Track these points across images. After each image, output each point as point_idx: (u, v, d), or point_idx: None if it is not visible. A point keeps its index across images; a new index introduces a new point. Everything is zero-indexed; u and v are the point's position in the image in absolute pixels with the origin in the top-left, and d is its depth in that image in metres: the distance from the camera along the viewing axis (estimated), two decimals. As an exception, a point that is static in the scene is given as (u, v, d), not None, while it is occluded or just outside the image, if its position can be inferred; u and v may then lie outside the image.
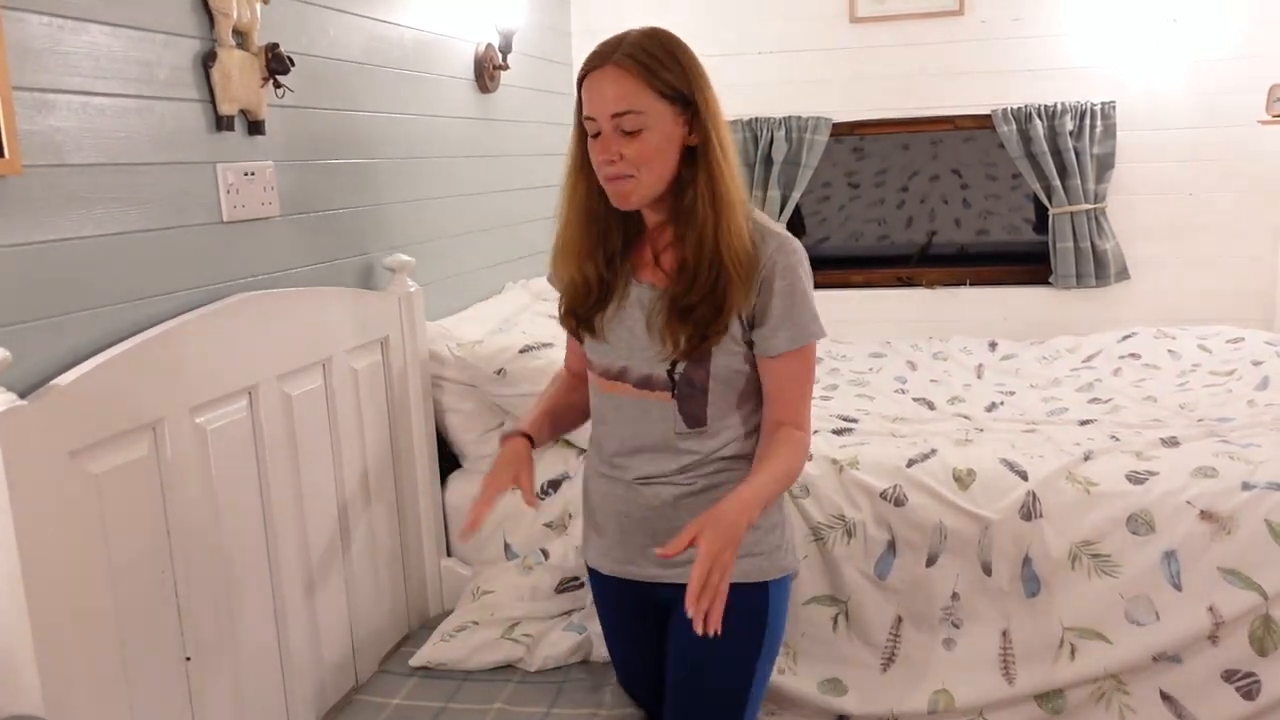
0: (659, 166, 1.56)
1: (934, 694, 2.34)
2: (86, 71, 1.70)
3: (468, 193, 3.17)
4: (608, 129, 1.54)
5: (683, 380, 1.62)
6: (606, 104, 1.53)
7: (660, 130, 1.54)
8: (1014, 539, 2.31)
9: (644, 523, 1.70)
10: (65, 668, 1.51)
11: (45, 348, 1.61)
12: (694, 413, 1.64)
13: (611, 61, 1.54)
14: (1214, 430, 2.61)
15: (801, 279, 1.60)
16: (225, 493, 1.88)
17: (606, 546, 1.77)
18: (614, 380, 1.69)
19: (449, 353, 2.66)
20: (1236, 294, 3.91)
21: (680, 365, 1.61)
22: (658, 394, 1.64)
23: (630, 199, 1.58)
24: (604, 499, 1.75)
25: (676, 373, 1.62)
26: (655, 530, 1.68)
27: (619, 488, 1.72)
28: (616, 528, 1.74)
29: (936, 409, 3.00)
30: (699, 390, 1.63)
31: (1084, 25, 3.89)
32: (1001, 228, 6.03)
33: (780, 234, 1.62)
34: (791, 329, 1.59)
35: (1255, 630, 2.21)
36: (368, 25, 2.59)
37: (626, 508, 1.71)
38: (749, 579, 1.65)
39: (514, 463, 1.74)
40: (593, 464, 1.79)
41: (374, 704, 2.19)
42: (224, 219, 2.03)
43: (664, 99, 1.54)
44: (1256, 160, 3.83)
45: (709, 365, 1.61)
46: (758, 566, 1.67)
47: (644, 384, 1.65)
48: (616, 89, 1.52)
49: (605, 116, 1.54)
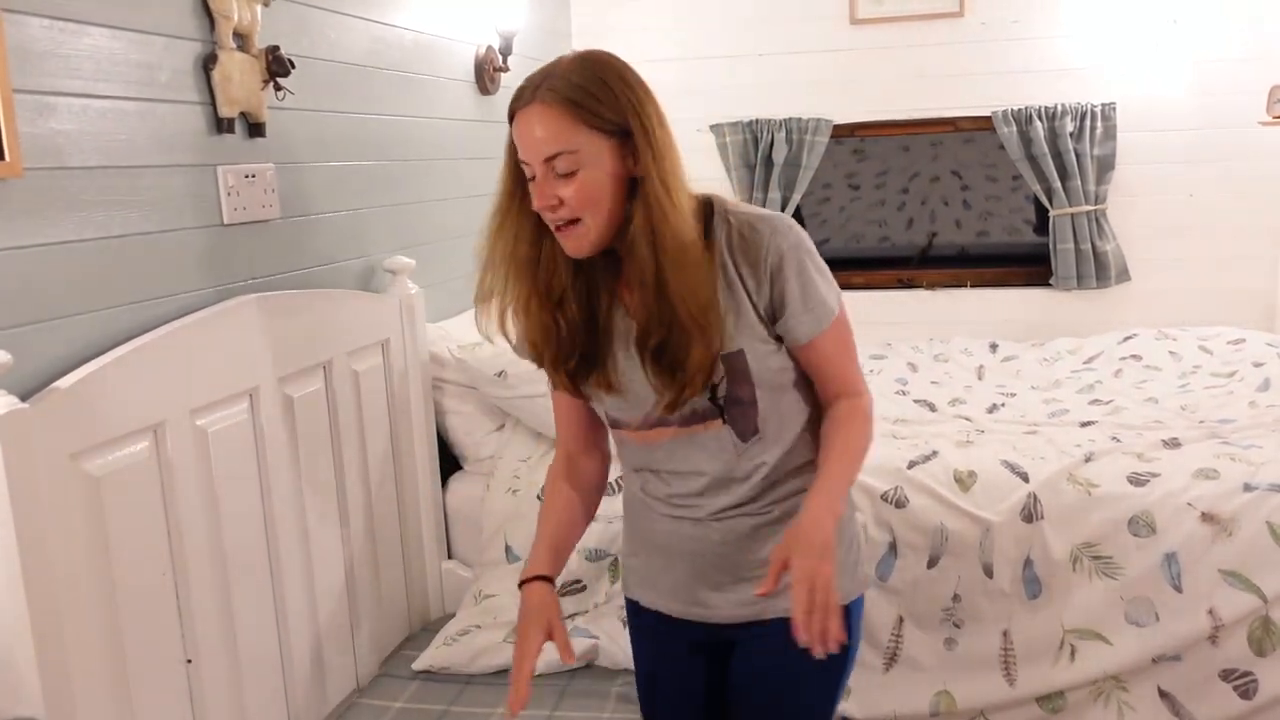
0: (605, 206, 1.38)
1: (935, 695, 2.34)
2: (87, 74, 1.70)
3: (468, 194, 3.17)
4: (541, 173, 1.38)
5: (729, 401, 1.47)
6: (537, 146, 1.37)
7: (599, 167, 1.37)
8: (1015, 541, 2.31)
9: (721, 559, 1.54)
10: (66, 670, 1.51)
11: (46, 350, 1.61)
12: (747, 427, 1.50)
13: (537, 99, 1.37)
14: (1215, 432, 2.61)
15: (805, 257, 1.47)
16: (226, 495, 1.88)
17: (673, 587, 1.59)
18: (654, 428, 1.51)
19: (450, 355, 2.66)
20: (1237, 295, 3.91)
21: (721, 387, 1.46)
22: (708, 424, 1.48)
23: (583, 246, 1.40)
24: (671, 538, 1.57)
25: (720, 397, 1.46)
26: (734, 565, 1.54)
27: (686, 526, 1.55)
28: (688, 567, 1.56)
29: (937, 410, 3.00)
30: (749, 404, 1.48)
31: (1084, 27, 3.89)
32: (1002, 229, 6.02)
33: (769, 216, 1.48)
34: (813, 312, 1.47)
35: (1254, 632, 2.21)
36: (368, 28, 2.59)
37: (700, 546, 1.55)
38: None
39: (542, 614, 1.54)
40: (641, 500, 1.61)
41: (375, 707, 2.19)
42: (225, 221, 2.03)
43: (599, 133, 1.36)
44: (1257, 161, 3.82)
45: (750, 375, 1.47)
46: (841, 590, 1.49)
47: (690, 419, 1.48)
48: (545, 129, 1.36)
49: (538, 161, 1.37)
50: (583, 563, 2.48)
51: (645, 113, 1.39)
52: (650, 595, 1.63)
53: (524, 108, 1.39)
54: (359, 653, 2.34)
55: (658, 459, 1.54)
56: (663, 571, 1.60)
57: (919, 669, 2.36)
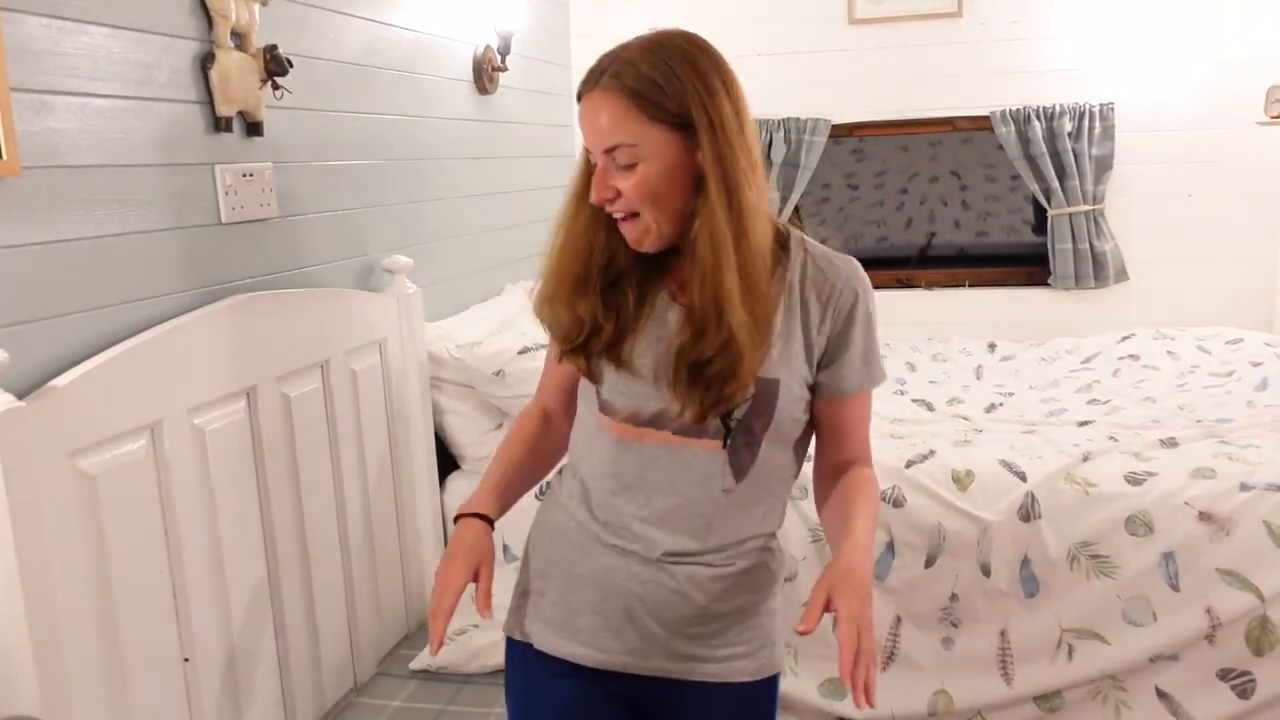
0: (668, 203, 1.29)
1: (933, 695, 2.34)
2: (85, 73, 1.70)
3: (466, 194, 3.17)
4: (603, 163, 1.31)
5: (740, 428, 1.33)
6: (599, 135, 1.30)
7: (660, 161, 1.28)
8: (1013, 540, 2.31)
9: (665, 608, 1.37)
10: (63, 669, 1.51)
11: (44, 349, 1.61)
12: (743, 465, 1.36)
13: (600, 85, 1.30)
14: (1213, 431, 2.61)
15: (873, 309, 1.39)
16: (223, 494, 1.88)
17: (593, 631, 1.39)
18: (644, 426, 1.36)
19: (447, 354, 2.66)
20: (1235, 295, 3.91)
21: (740, 410, 1.33)
22: (706, 442, 1.34)
23: (644, 242, 1.32)
24: (611, 574, 1.38)
25: (734, 418, 1.33)
26: (678, 617, 1.37)
27: (634, 564, 1.37)
28: (620, 610, 1.38)
29: (935, 410, 3.00)
30: (755, 439, 1.35)
31: (1082, 27, 3.89)
32: (1000, 229, 6.03)
33: (843, 256, 1.39)
34: (869, 367, 1.39)
35: (1252, 631, 2.21)
36: (366, 27, 2.59)
37: (644, 589, 1.37)
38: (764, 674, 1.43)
39: (473, 553, 1.41)
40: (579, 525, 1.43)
41: (373, 706, 2.19)
42: (222, 220, 2.03)
43: (662, 125, 1.28)
44: (1255, 161, 3.83)
45: (774, 410, 1.34)
46: (771, 660, 1.44)
47: (689, 430, 1.34)
48: (607, 118, 1.29)
49: (599, 150, 1.30)
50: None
51: (714, 105, 1.29)
52: (559, 640, 1.41)
53: (589, 92, 1.31)
54: (356, 652, 2.34)
55: (628, 465, 1.38)
56: (588, 612, 1.39)
57: (916, 668, 2.36)
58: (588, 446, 1.43)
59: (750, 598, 1.41)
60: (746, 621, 1.41)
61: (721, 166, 1.28)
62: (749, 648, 1.41)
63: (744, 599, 1.41)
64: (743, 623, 1.41)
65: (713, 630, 1.39)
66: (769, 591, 1.44)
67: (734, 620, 1.40)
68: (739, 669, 1.40)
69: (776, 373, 1.33)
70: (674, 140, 1.28)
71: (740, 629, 1.41)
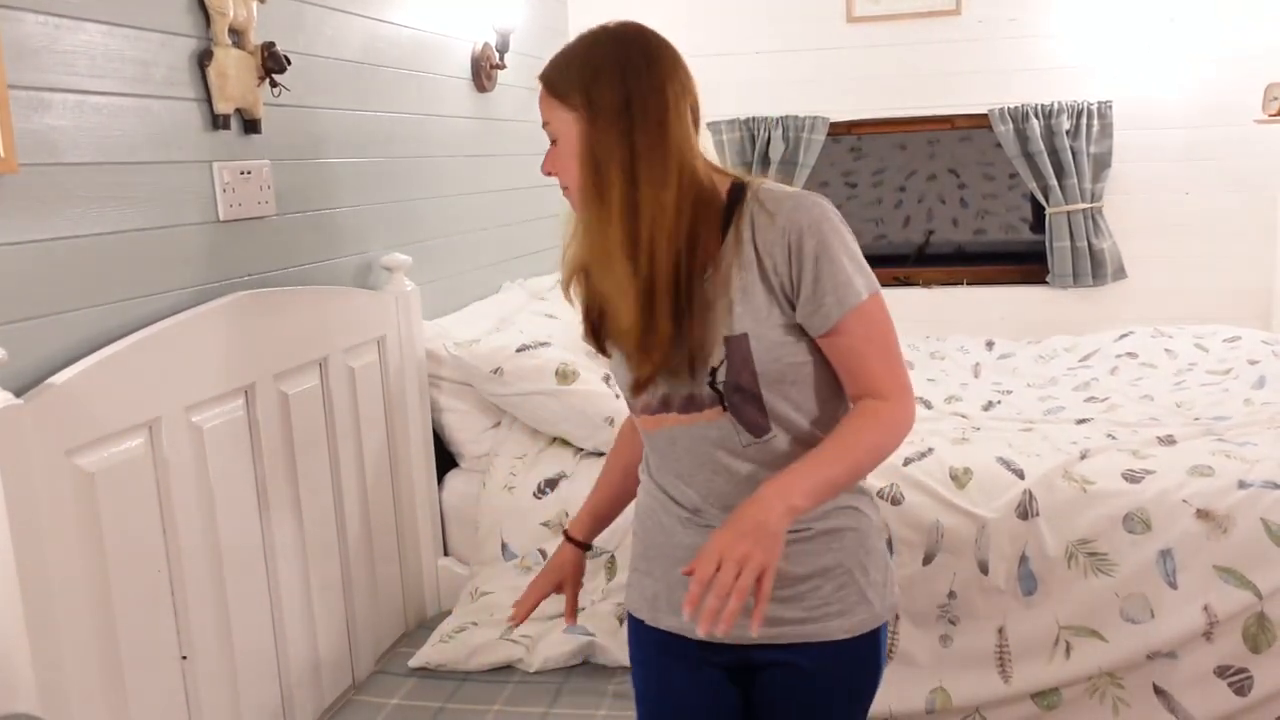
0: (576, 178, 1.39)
1: (931, 692, 2.34)
2: (83, 70, 1.70)
3: (465, 192, 3.17)
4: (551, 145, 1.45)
5: (729, 388, 1.38)
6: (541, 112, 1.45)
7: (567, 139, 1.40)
8: (1010, 537, 2.31)
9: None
10: (61, 666, 1.51)
11: (41, 346, 1.61)
12: (754, 420, 1.40)
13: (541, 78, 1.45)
14: (1210, 429, 2.61)
15: (829, 235, 1.36)
16: (221, 492, 1.88)
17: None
18: (658, 413, 1.44)
19: (445, 352, 2.66)
20: (1233, 293, 3.91)
21: (720, 371, 1.38)
22: (708, 413, 1.40)
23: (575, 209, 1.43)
24: (689, 552, 1.41)
25: (719, 382, 1.38)
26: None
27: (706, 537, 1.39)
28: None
29: (933, 408, 3.00)
30: (751, 394, 1.39)
31: (1081, 25, 3.89)
32: (999, 227, 6.03)
33: (794, 193, 1.40)
34: (833, 295, 1.36)
35: (1249, 628, 2.22)
36: (364, 24, 2.59)
37: None
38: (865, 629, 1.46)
39: (560, 571, 1.66)
40: (661, 504, 1.51)
41: (372, 704, 2.19)
42: (220, 218, 2.03)
43: (564, 106, 1.39)
44: (1253, 159, 3.83)
45: (753, 363, 1.38)
46: (872, 615, 1.47)
47: (689, 406, 1.41)
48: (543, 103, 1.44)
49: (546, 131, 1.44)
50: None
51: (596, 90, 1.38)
52: (664, 615, 1.50)
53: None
54: (355, 649, 2.34)
55: (664, 451, 1.47)
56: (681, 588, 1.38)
57: (915, 666, 2.36)
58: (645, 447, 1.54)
59: (835, 558, 1.44)
60: (837, 581, 1.45)
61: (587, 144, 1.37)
62: (843, 605, 1.45)
63: (828, 560, 1.44)
64: (833, 582, 1.45)
65: (800, 592, 1.44)
66: (857, 551, 1.46)
67: (822, 581, 1.44)
68: (835, 627, 1.45)
69: (742, 327, 1.37)
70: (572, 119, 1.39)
71: (832, 589, 1.45)
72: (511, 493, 2.56)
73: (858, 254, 1.40)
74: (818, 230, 1.36)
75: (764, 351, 1.38)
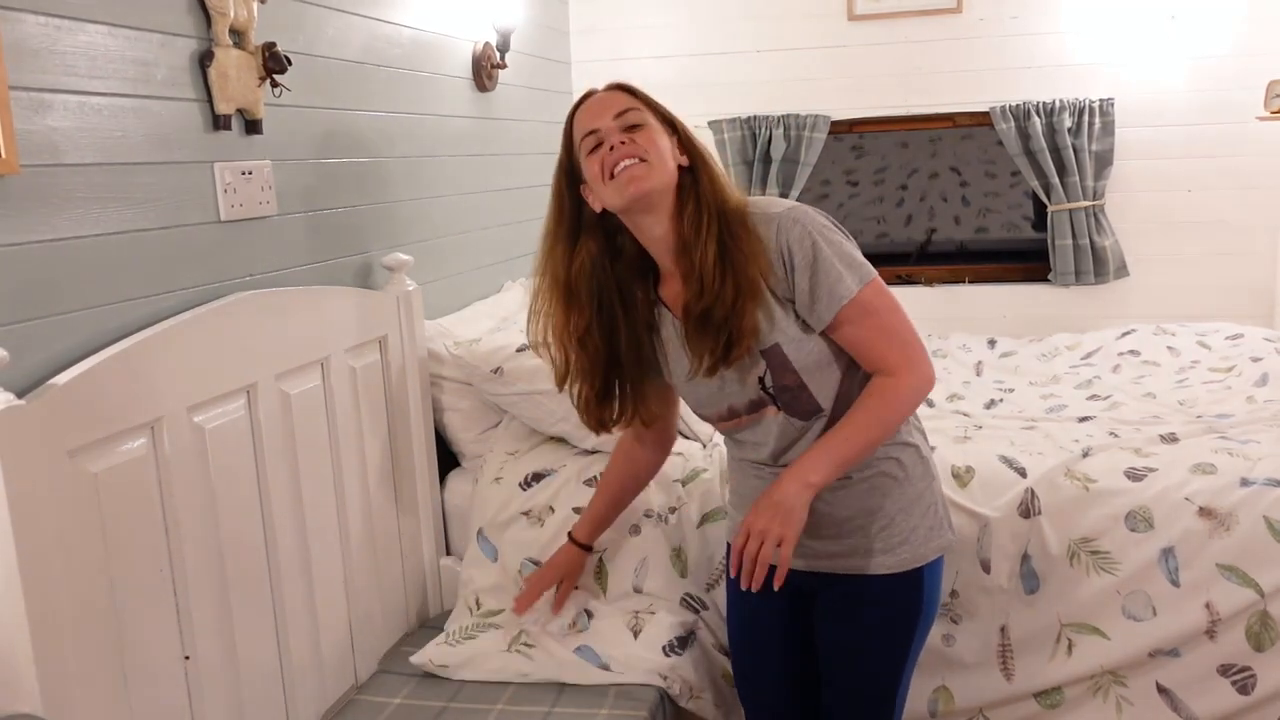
0: (666, 159, 1.60)
1: (934, 692, 2.34)
2: (83, 71, 1.70)
3: (466, 191, 3.17)
4: (611, 127, 1.60)
5: (779, 389, 1.65)
6: (608, 108, 1.61)
7: (657, 130, 1.62)
8: (1012, 536, 2.31)
9: None
10: (64, 667, 1.51)
11: (43, 347, 1.61)
12: (804, 407, 1.67)
13: (604, 89, 1.67)
14: (1213, 427, 2.61)
15: (816, 244, 1.59)
16: (224, 492, 1.89)
17: None
18: (729, 420, 1.75)
19: (447, 351, 2.66)
20: (1236, 290, 3.91)
21: (766, 378, 1.65)
22: (768, 411, 1.69)
23: (645, 183, 1.58)
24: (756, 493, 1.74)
25: (768, 387, 1.66)
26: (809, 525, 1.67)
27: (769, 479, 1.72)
28: None
29: (935, 406, 3.00)
30: (798, 389, 1.65)
31: (1082, 22, 3.89)
32: (1000, 225, 6.03)
33: (778, 212, 1.63)
34: (825, 296, 1.59)
35: (1252, 626, 2.21)
36: (365, 24, 2.59)
37: None
38: (907, 568, 1.72)
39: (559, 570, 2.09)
40: (740, 464, 1.83)
41: (374, 704, 2.19)
42: (221, 218, 2.03)
43: (656, 115, 1.64)
44: (1255, 156, 3.82)
45: (791, 364, 1.63)
46: (914, 554, 1.72)
47: (754, 408, 1.70)
48: (619, 98, 1.63)
49: (608, 118, 1.60)
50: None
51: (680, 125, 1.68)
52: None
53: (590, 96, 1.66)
54: (357, 649, 2.34)
55: (737, 438, 1.79)
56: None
57: (916, 666, 2.35)
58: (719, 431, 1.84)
59: (876, 502, 1.70)
60: (879, 522, 1.70)
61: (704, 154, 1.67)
62: (886, 544, 1.71)
63: (871, 503, 1.70)
64: (877, 523, 1.70)
65: (846, 531, 1.71)
66: (898, 496, 1.71)
67: (866, 521, 1.70)
68: (879, 564, 1.71)
69: (773, 339, 1.63)
70: (662, 128, 1.64)
71: (876, 529, 1.70)
72: (499, 483, 2.55)
73: (848, 250, 1.62)
74: (802, 244, 1.58)
75: (796, 351, 1.62)
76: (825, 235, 1.60)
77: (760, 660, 1.92)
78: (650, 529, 2.40)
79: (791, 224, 1.59)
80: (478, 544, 2.53)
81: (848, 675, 1.80)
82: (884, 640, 1.77)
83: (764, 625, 1.88)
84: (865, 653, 1.78)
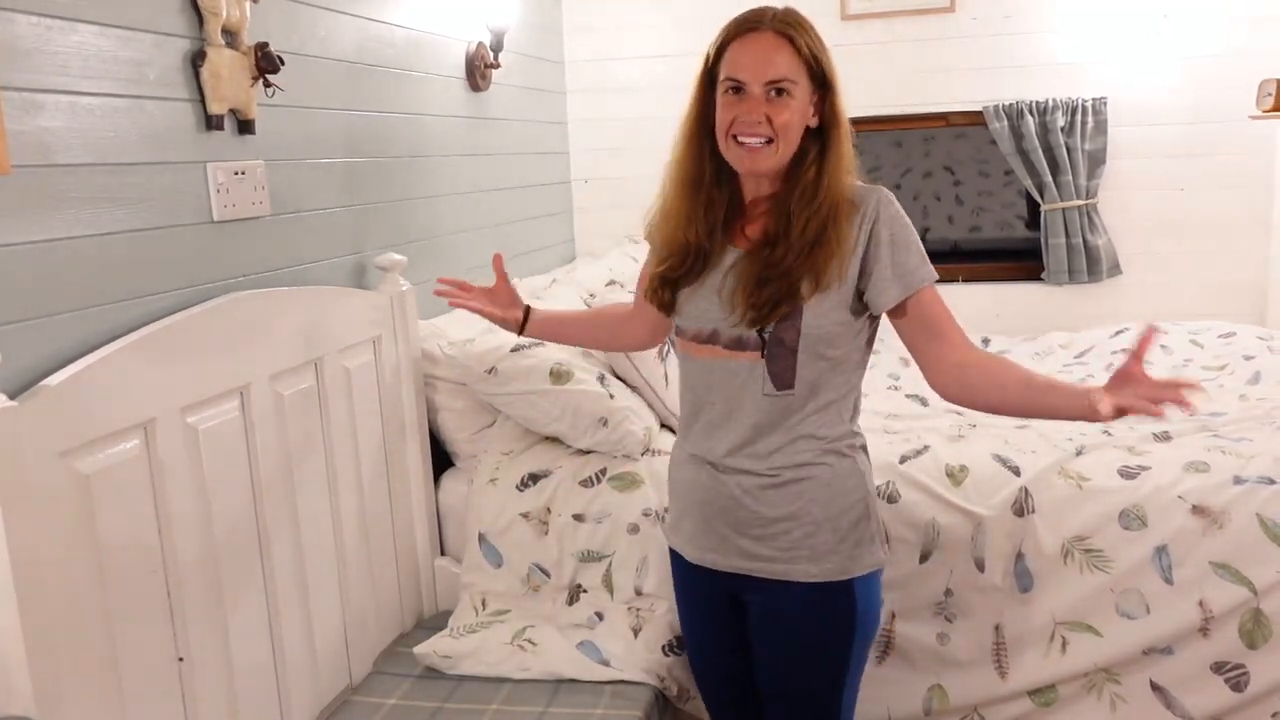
0: (793, 138, 1.59)
1: (928, 691, 2.34)
2: (75, 71, 1.70)
3: (460, 191, 3.17)
4: (758, 93, 1.57)
5: (773, 339, 1.61)
6: (765, 68, 1.56)
7: (800, 105, 1.59)
8: (1006, 535, 2.31)
9: (724, 512, 1.69)
10: (57, 669, 1.51)
11: (35, 348, 1.61)
12: (782, 373, 1.63)
13: (773, 28, 1.59)
14: (1206, 425, 2.62)
15: (909, 228, 1.64)
16: (217, 492, 1.88)
17: (690, 533, 1.76)
18: (705, 344, 1.68)
19: (441, 352, 2.66)
20: (1228, 289, 3.92)
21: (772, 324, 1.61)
22: (748, 354, 1.63)
23: (762, 165, 1.59)
24: (689, 487, 1.75)
25: (766, 331, 1.61)
26: (736, 520, 1.68)
27: (703, 475, 1.71)
28: (699, 515, 1.73)
29: (929, 405, 3.00)
30: (788, 350, 1.61)
31: (1075, 21, 3.90)
32: (994, 224, 6.03)
33: (878, 189, 1.64)
34: (909, 274, 1.63)
35: (1245, 624, 2.22)
36: (358, 24, 2.59)
37: (708, 495, 1.71)
38: (833, 578, 1.66)
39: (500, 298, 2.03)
40: (680, 450, 1.79)
41: (369, 704, 2.19)
42: (214, 218, 2.03)
43: (808, 77, 1.59)
44: (1247, 155, 3.84)
45: (800, 323, 1.60)
46: (840, 566, 1.66)
47: (735, 345, 1.64)
48: (780, 56, 1.57)
49: (760, 80, 1.56)
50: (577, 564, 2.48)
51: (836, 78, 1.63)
52: (677, 540, 1.81)
53: (754, 31, 1.59)
54: (352, 650, 2.34)
55: (694, 377, 1.72)
56: (687, 518, 1.76)
57: (911, 664, 2.36)
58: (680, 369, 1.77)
59: (803, 505, 1.65)
60: (805, 528, 1.65)
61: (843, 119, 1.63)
62: (813, 552, 1.65)
63: (796, 506, 1.65)
64: (802, 528, 1.65)
65: (773, 533, 1.66)
66: (830, 503, 1.66)
67: (791, 525, 1.65)
68: (804, 571, 1.65)
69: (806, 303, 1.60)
70: (809, 91, 1.60)
71: (801, 534, 1.65)
72: (494, 485, 2.55)
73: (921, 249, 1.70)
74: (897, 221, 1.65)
75: (813, 317, 1.59)
76: (910, 226, 1.66)
77: (708, 662, 1.89)
78: (649, 529, 2.41)
79: (890, 203, 1.63)
80: (480, 550, 2.53)
81: (784, 689, 1.74)
82: (815, 653, 1.70)
83: (710, 630, 1.84)
84: (798, 666, 1.72)
